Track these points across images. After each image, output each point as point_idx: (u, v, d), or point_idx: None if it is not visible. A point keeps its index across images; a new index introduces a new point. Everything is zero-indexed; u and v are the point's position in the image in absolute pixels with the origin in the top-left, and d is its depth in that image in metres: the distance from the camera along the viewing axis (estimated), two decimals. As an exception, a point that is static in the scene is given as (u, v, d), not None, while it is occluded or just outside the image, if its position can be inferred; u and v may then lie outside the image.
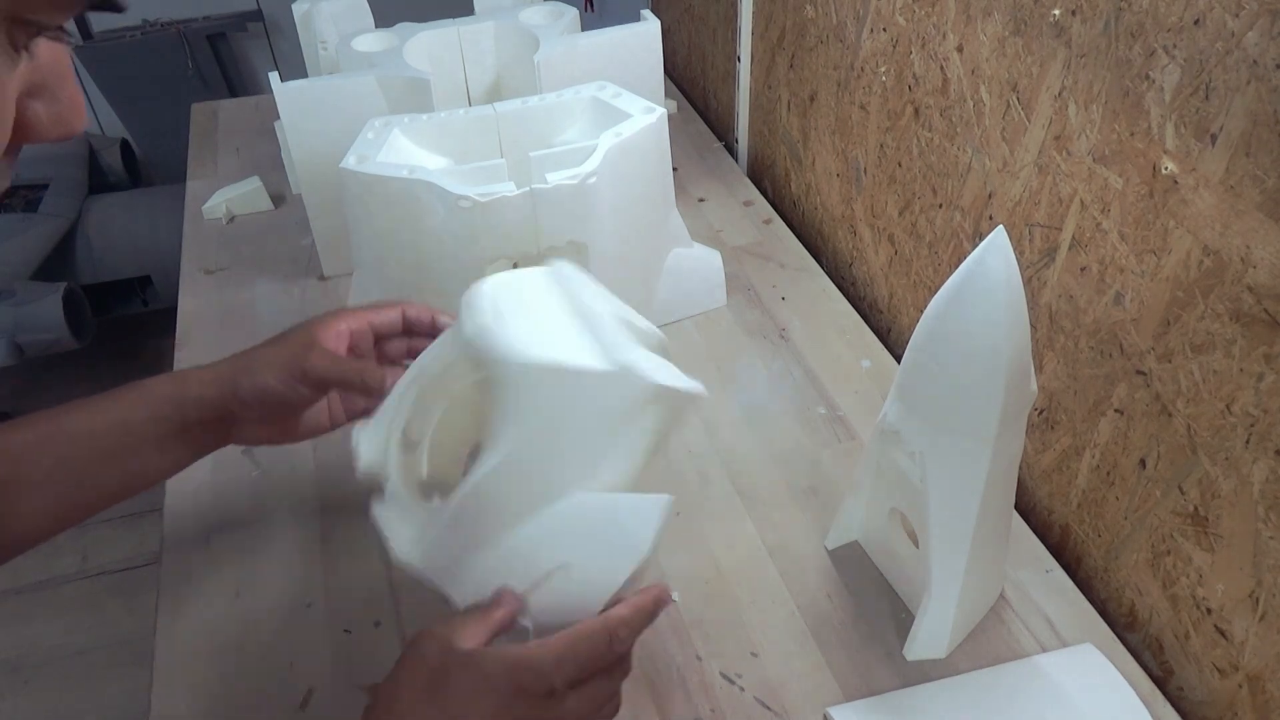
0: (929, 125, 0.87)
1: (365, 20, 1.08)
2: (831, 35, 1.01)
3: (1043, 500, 0.80)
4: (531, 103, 0.90)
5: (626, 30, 1.02)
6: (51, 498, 0.64)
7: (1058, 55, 0.68)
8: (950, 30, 0.81)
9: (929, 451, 0.61)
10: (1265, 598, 0.60)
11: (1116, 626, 0.71)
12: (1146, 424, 0.67)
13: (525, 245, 0.81)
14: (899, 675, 0.66)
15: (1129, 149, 0.64)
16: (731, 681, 0.66)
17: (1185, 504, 0.65)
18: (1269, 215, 0.54)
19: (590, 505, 0.55)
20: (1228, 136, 0.56)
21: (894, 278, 0.99)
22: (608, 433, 0.55)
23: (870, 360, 0.93)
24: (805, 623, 0.70)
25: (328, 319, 0.68)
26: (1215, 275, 0.59)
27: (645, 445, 0.57)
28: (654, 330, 0.60)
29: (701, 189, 1.20)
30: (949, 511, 0.62)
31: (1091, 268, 0.69)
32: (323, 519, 0.78)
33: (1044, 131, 0.72)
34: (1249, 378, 0.58)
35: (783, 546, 0.75)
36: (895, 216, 0.96)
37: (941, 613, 0.65)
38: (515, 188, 0.79)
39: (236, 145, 1.33)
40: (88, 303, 1.96)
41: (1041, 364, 0.77)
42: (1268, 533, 0.59)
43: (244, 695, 0.65)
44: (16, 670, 1.64)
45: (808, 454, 0.83)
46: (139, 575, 1.76)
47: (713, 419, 0.87)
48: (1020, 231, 0.76)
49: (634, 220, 0.88)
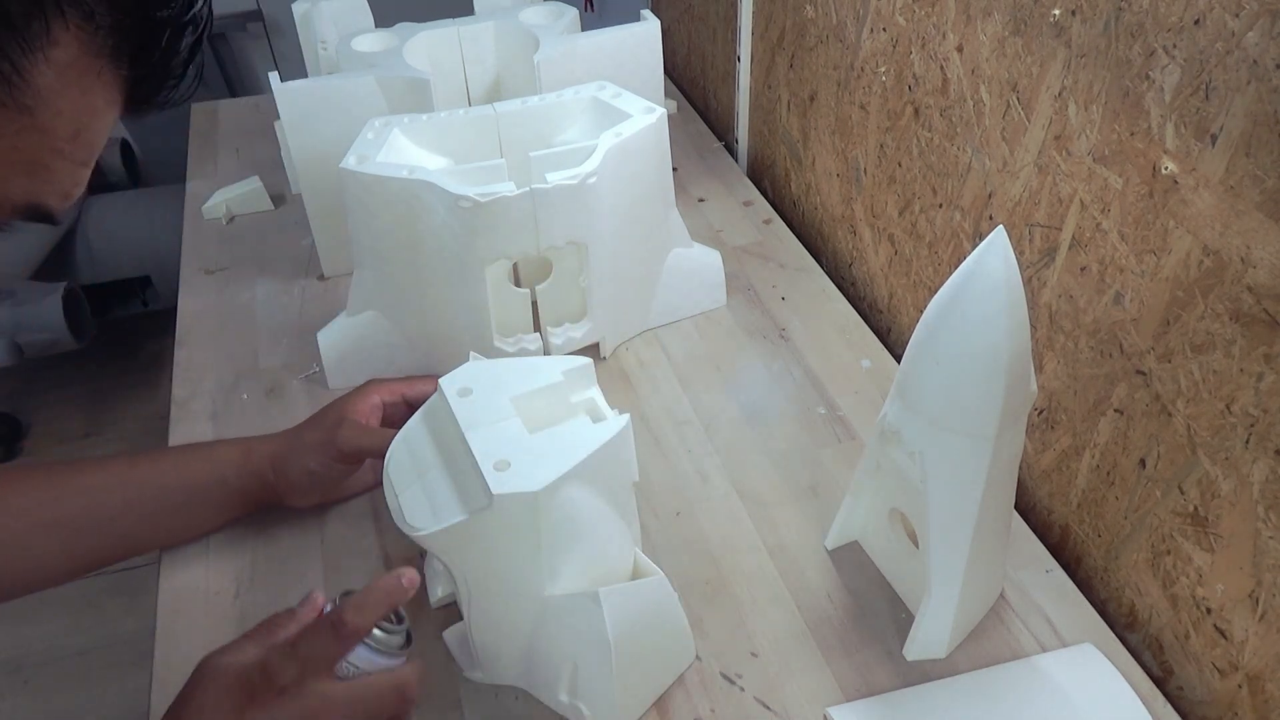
0: (929, 125, 0.87)
1: (365, 20, 1.08)
2: (831, 35, 1.01)
3: (1043, 500, 0.80)
4: (531, 103, 0.90)
5: (626, 30, 1.02)
6: (115, 536, 0.70)
7: (1058, 55, 0.68)
8: (950, 30, 0.81)
9: (929, 451, 0.61)
10: (1265, 598, 0.60)
11: (1116, 626, 0.71)
12: (1146, 424, 0.67)
13: (525, 245, 0.81)
14: (899, 675, 0.66)
15: (1129, 149, 0.64)
16: (731, 681, 0.66)
17: (1185, 504, 0.65)
18: (1269, 215, 0.54)
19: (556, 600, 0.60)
20: (1228, 136, 0.56)
21: (894, 278, 0.99)
22: (534, 546, 0.58)
23: (870, 360, 0.93)
24: (805, 623, 0.70)
25: (361, 394, 0.74)
26: (1215, 275, 0.59)
27: (589, 509, 0.59)
28: (561, 373, 0.63)
29: (701, 189, 1.20)
30: (949, 511, 0.62)
31: (1091, 268, 0.69)
32: (323, 519, 0.78)
33: (1044, 131, 0.72)
34: (1249, 378, 0.58)
35: (783, 546, 0.75)
36: (895, 216, 0.96)
37: (941, 613, 0.65)
38: (515, 188, 0.79)
39: (236, 145, 1.33)
40: (87, 303, 1.96)
41: (1041, 364, 0.77)
42: (1268, 533, 0.59)
43: (244, 695, 0.65)
44: (16, 670, 1.64)
45: (808, 454, 0.83)
46: (139, 575, 1.75)
47: (713, 419, 0.87)
48: (1020, 231, 0.76)
49: (634, 220, 0.88)
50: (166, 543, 0.74)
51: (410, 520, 0.56)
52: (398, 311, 0.88)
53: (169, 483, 0.71)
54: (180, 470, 0.72)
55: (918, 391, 0.61)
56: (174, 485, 0.71)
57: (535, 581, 0.59)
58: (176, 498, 0.72)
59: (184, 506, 0.72)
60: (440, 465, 0.60)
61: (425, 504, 0.57)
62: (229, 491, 0.73)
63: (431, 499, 0.58)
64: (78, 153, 0.38)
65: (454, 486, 0.58)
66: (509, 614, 0.61)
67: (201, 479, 0.72)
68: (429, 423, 0.63)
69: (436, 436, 0.62)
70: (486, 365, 0.64)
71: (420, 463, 0.60)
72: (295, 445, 0.73)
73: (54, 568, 0.67)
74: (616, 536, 0.62)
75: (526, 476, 0.55)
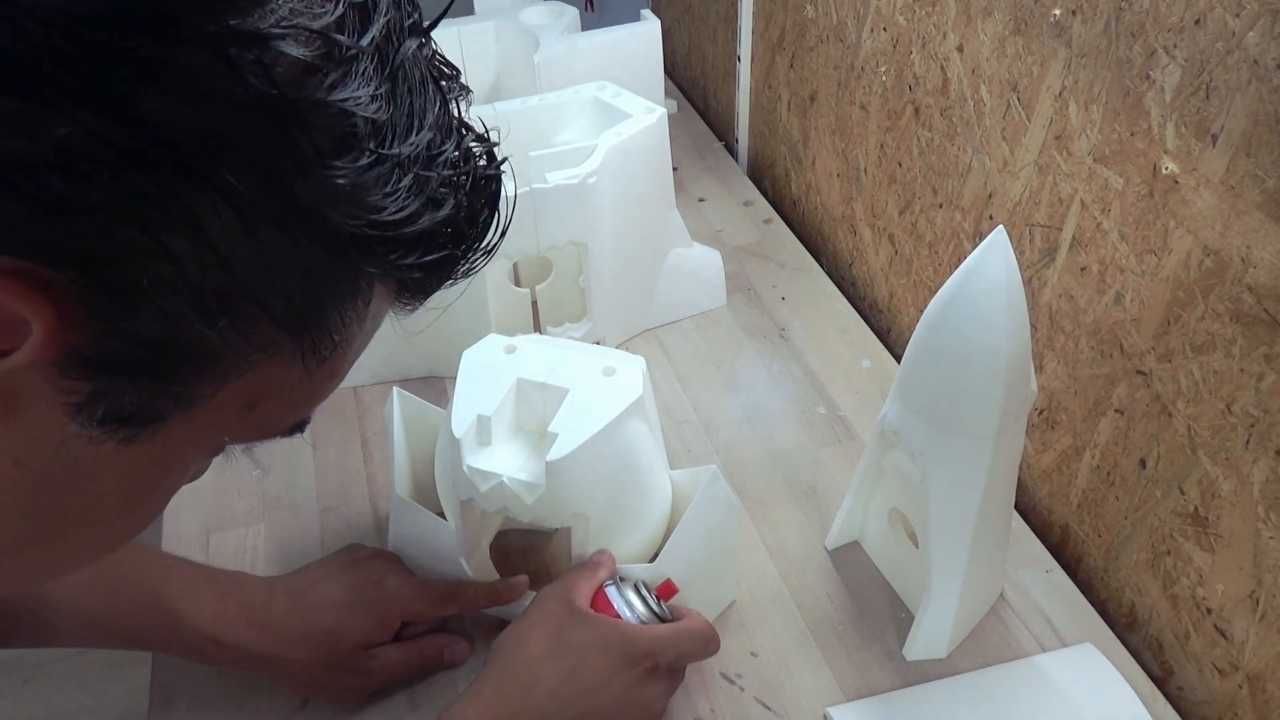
0: (929, 125, 0.87)
1: (365, 20, 1.08)
2: (831, 35, 1.01)
3: (1043, 500, 0.80)
4: (531, 102, 0.90)
5: (626, 30, 1.02)
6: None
7: (1058, 55, 0.68)
8: (950, 30, 0.80)
9: (929, 451, 0.61)
10: (1265, 598, 0.60)
11: (1116, 626, 0.71)
12: (1146, 424, 0.67)
13: (525, 245, 0.81)
14: (899, 675, 0.66)
15: (1129, 149, 0.64)
16: (731, 681, 0.66)
17: (1185, 504, 0.65)
18: (1269, 215, 0.54)
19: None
20: (1228, 136, 0.56)
21: (894, 278, 0.99)
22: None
23: (870, 360, 0.93)
24: (805, 623, 0.70)
25: (380, 610, 0.64)
26: (1215, 275, 0.59)
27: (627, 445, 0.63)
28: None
29: (701, 189, 1.20)
30: (949, 511, 0.62)
31: (1092, 268, 0.69)
32: (323, 519, 0.78)
33: (1044, 131, 0.72)
34: (1249, 378, 0.58)
35: (782, 546, 0.75)
36: (895, 216, 0.96)
37: (941, 613, 0.65)
38: (515, 188, 0.79)
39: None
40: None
41: (1041, 364, 0.77)
42: (1268, 533, 0.59)
43: (243, 695, 0.65)
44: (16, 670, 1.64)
45: (808, 454, 0.83)
46: (139, 575, 1.75)
47: (713, 419, 0.87)
48: (1020, 231, 0.76)
49: (634, 220, 0.88)
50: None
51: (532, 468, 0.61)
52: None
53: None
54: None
55: (918, 391, 0.61)
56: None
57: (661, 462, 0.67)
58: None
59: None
60: (509, 430, 0.64)
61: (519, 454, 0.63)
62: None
63: (525, 451, 0.63)
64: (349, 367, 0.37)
65: (532, 442, 0.64)
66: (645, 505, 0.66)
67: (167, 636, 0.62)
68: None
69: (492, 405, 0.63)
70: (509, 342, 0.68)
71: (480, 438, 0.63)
72: (279, 661, 0.62)
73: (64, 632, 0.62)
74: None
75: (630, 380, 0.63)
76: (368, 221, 0.30)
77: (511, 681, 0.56)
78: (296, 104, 0.27)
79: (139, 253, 0.26)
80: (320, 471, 0.82)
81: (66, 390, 0.28)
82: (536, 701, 0.55)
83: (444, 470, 0.66)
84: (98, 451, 0.30)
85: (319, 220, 0.29)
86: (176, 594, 0.61)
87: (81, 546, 0.35)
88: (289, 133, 0.27)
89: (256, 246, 0.28)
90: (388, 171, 0.30)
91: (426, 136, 0.31)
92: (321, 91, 0.28)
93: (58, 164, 0.24)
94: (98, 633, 0.62)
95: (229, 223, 0.27)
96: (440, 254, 0.33)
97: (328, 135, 0.28)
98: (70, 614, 0.61)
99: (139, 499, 0.34)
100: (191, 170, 0.26)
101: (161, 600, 0.61)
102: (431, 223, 0.32)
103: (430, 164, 0.31)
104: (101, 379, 0.28)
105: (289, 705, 0.65)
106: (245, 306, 0.29)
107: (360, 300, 0.33)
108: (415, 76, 0.31)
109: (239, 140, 0.26)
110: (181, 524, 0.78)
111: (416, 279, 0.35)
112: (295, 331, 0.31)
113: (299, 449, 0.84)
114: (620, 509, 0.64)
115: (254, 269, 0.28)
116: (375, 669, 0.63)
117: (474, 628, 0.68)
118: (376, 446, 0.84)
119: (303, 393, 0.34)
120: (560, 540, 0.70)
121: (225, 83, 0.26)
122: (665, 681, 0.60)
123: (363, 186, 0.29)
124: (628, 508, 0.64)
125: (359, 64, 0.29)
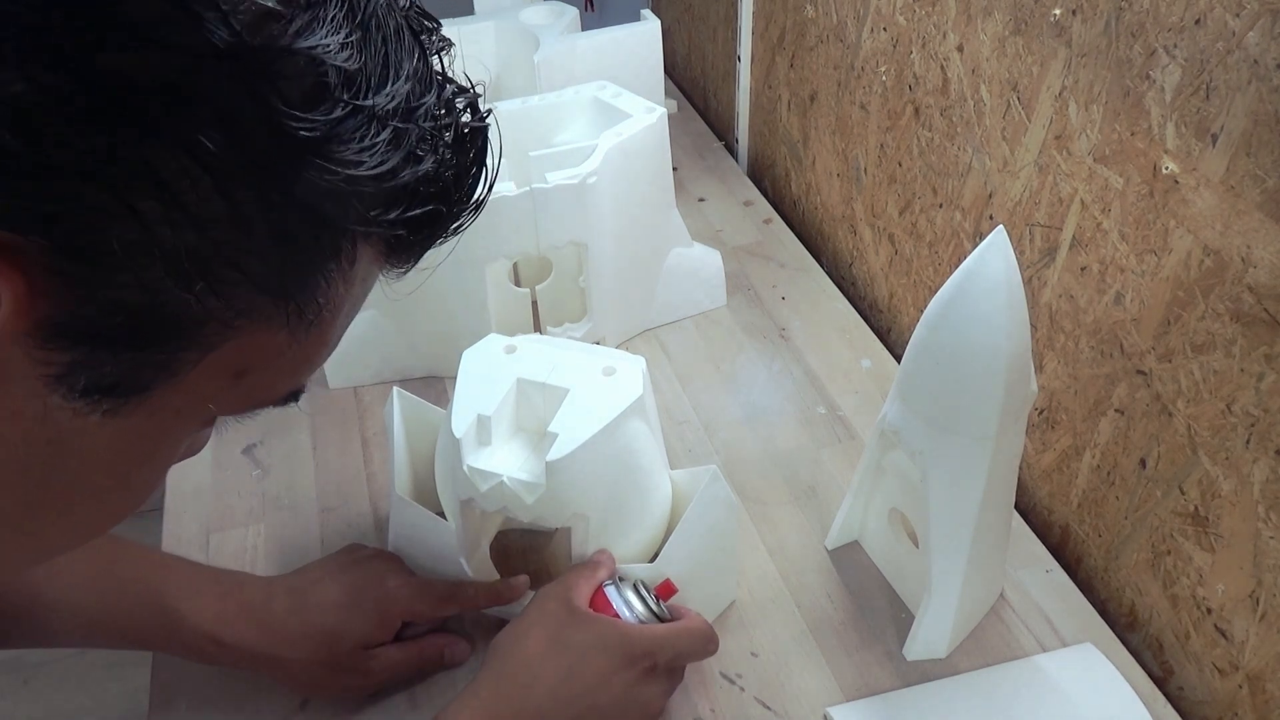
0: (929, 125, 0.87)
1: (365, 20, 1.08)
2: (831, 35, 1.01)
3: (1043, 500, 0.80)
4: (531, 102, 0.90)
5: (626, 30, 1.02)
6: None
7: (1058, 55, 0.68)
8: (950, 30, 0.80)
9: (929, 451, 0.61)
10: (1265, 598, 0.60)
11: (1116, 626, 0.71)
12: (1147, 424, 0.67)
13: (525, 245, 0.81)
14: (899, 675, 0.66)
15: (1129, 149, 0.64)
16: (731, 681, 0.66)
17: (1185, 504, 0.65)
18: (1269, 215, 0.54)
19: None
20: (1228, 136, 0.56)
21: (894, 278, 0.99)
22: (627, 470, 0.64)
23: (870, 360, 0.93)
24: (805, 623, 0.70)
25: (381, 610, 0.63)
26: (1216, 275, 0.59)
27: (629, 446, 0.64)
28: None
29: (701, 189, 1.20)
30: (949, 511, 0.62)
31: (1092, 267, 0.69)
32: (323, 519, 0.78)
33: (1044, 131, 0.72)
34: (1249, 377, 0.58)
35: (782, 546, 0.75)
36: (895, 216, 0.96)
37: (941, 613, 0.65)
38: (515, 187, 0.79)
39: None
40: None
41: (1041, 364, 0.77)
42: (1268, 533, 0.59)
43: (243, 695, 0.65)
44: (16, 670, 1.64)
45: (808, 454, 0.83)
46: (139, 575, 1.75)
47: (713, 419, 0.87)
48: (1020, 231, 0.76)
49: (634, 220, 0.88)
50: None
51: (532, 466, 0.61)
52: (397, 311, 0.88)
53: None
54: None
55: (918, 391, 0.61)
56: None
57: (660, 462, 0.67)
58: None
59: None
60: (508, 429, 0.64)
61: (519, 454, 0.63)
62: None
63: (525, 451, 0.63)
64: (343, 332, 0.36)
65: (532, 442, 0.64)
66: (644, 503, 0.66)
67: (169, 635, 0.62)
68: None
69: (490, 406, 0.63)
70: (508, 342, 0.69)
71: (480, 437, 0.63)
72: (279, 662, 0.62)
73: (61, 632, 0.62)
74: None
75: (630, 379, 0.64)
76: (344, 177, 0.28)
77: (510, 681, 0.56)
78: (260, 52, 0.26)
79: (106, 215, 0.25)
80: (320, 471, 0.82)
81: (45, 361, 0.27)
82: (535, 701, 0.55)
83: (444, 470, 0.66)
84: (84, 424, 0.29)
85: (292, 176, 0.28)
86: (176, 594, 0.61)
87: (79, 521, 0.34)
88: (255, 84, 0.26)
89: (229, 205, 0.27)
90: (363, 124, 0.28)
91: (404, 88, 0.30)
92: (286, 38, 0.26)
93: (13, 122, 0.23)
94: (98, 633, 0.62)
95: (198, 181, 0.26)
96: (424, 210, 0.32)
97: (297, 86, 0.27)
98: (70, 614, 0.61)
99: (132, 472, 0.33)
100: (154, 126, 0.25)
101: (161, 600, 0.60)
102: (413, 178, 0.31)
103: (409, 116, 0.30)
104: (81, 349, 0.27)
105: (289, 705, 0.65)
106: (222, 269, 0.28)
107: (344, 261, 0.31)
108: (390, 26, 0.30)
109: (202, 93, 0.25)
110: (181, 524, 0.78)
111: (402, 237, 0.33)
112: (277, 295, 0.30)
113: (299, 449, 0.84)
114: (620, 509, 0.64)
115: (228, 229, 0.27)
116: (375, 669, 0.63)
117: (474, 628, 0.68)
118: (376, 446, 0.84)
119: (292, 360, 0.33)
120: (560, 540, 0.70)
121: (184, 31, 0.24)
122: (664, 681, 0.60)
123: (337, 140, 0.28)
124: (628, 508, 0.64)
125: (326, 9, 0.27)
